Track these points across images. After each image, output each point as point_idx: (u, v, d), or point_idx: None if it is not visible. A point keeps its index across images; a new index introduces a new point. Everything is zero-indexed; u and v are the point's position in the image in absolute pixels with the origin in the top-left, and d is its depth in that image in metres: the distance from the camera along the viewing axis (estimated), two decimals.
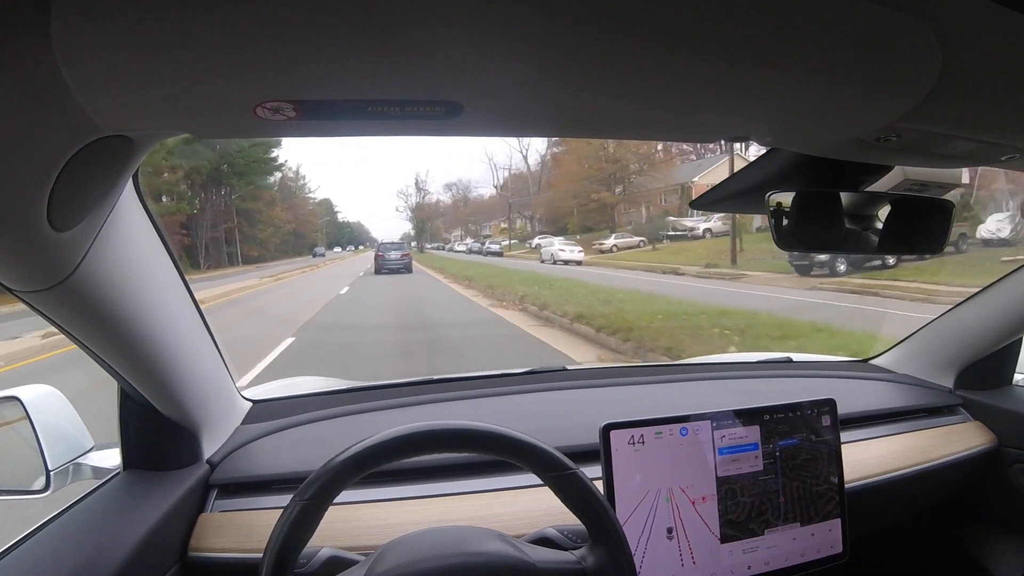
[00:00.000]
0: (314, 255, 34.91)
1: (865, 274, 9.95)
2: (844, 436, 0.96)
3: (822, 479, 0.91)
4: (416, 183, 43.73)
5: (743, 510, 0.86)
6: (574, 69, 0.42)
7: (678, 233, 20.51)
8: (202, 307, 0.85)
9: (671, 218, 21.91)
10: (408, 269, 17.45)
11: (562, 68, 0.42)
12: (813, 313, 6.62)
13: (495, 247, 29.59)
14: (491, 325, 7.41)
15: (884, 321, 6.33)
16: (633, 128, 0.66)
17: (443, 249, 40.74)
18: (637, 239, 22.00)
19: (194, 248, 23.68)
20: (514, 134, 0.59)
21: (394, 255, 17.84)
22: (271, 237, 31.61)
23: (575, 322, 6.53)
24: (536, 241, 29.83)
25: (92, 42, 0.35)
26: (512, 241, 32.60)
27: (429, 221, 44.19)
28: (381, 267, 17.23)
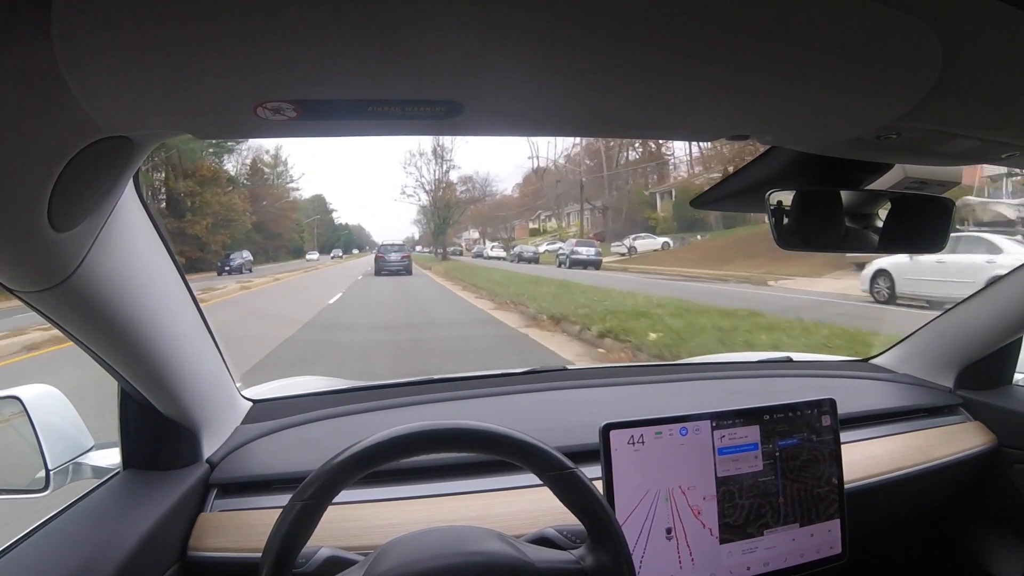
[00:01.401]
0: (226, 270, 18.81)
1: None
2: (844, 436, 0.96)
3: (822, 479, 0.91)
4: (435, 149, 28.07)
5: (742, 510, 0.86)
6: (574, 69, 0.42)
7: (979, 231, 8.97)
8: None
9: (971, 199, 10.82)
10: (408, 271, 17.66)
11: (562, 68, 0.42)
12: None
13: (587, 252, 18.89)
14: None
15: None
16: (633, 127, 0.66)
17: (459, 255, 31.76)
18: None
19: None
20: (514, 133, 0.59)
21: (394, 257, 18.38)
22: (213, 235, 21.62)
23: None
24: (630, 242, 21.37)
25: (93, 43, 0.35)
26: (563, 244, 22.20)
27: (456, 210, 28.74)
28: (381, 268, 17.71)
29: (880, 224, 0.79)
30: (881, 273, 7.91)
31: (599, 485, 0.77)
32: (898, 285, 7.68)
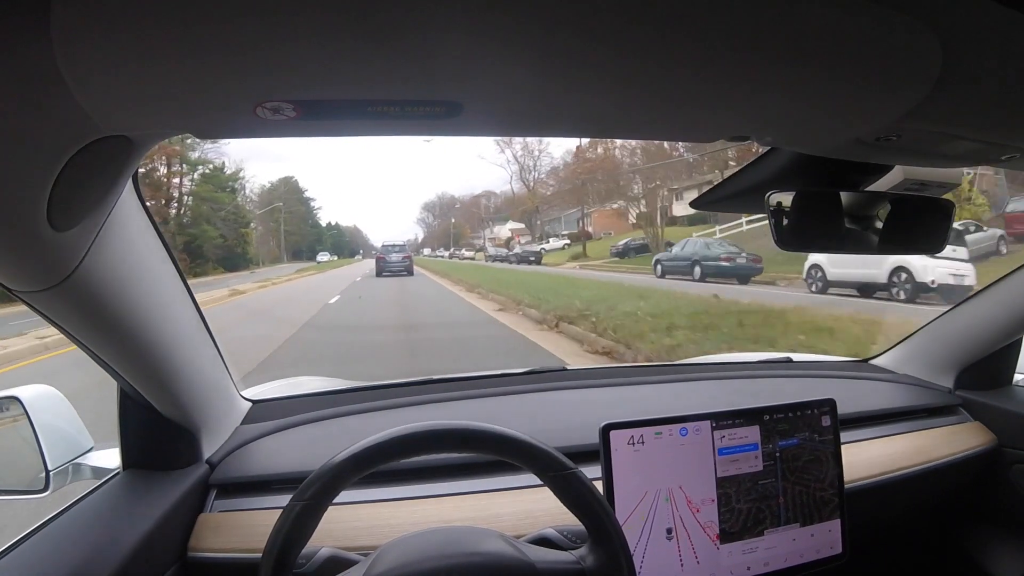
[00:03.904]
0: None
1: None
2: (844, 436, 0.96)
3: (822, 479, 0.91)
4: None
5: (743, 510, 0.86)
6: (574, 69, 0.42)
7: None
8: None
9: None
10: (409, 272, 17.11)
11: (562, 68, 0.42)
12: None
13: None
14: None
15: None
16: (633, 128, 0.66)
17: (506, 259, 21.68)
18: None
19: None
20: (514, 134, 0.59)
21: (395, 257, 17.92)
22: None
23: None
24: None
25: (92, 42, 0.35)
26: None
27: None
28: (383, 269, 17.26)
29: (880, 225, 0.79)
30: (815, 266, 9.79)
31: (599, 485, 0.77)
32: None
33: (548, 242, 24.20)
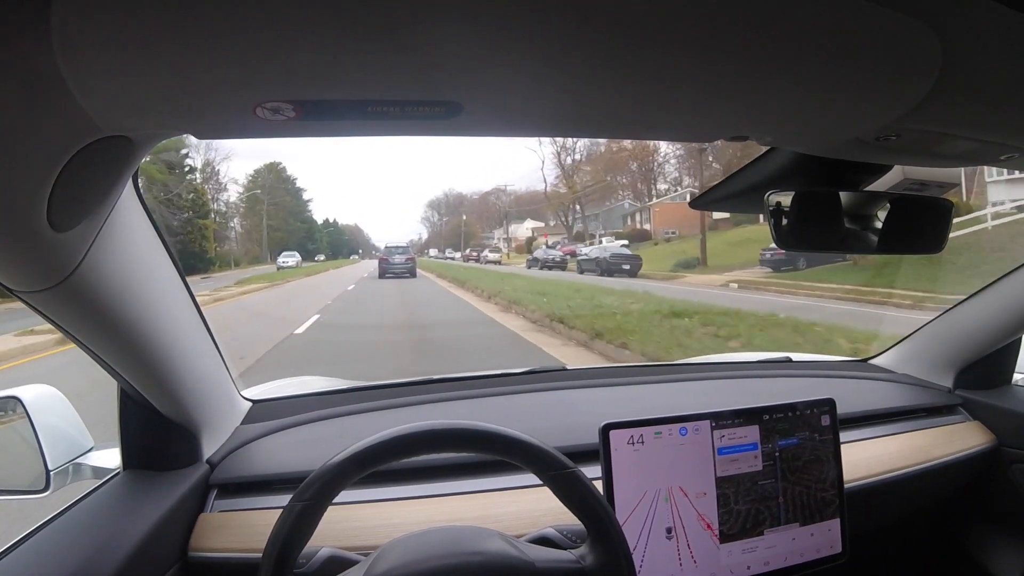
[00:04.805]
0: None
1: None
2: (843, 436, 0.96)
3: (822, 479, 0.91)
4: None
5: (742, 510, 0.86)
6: (574, 69, 0.42)
7: None
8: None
9: None
10: (412, 274, 16.84)
11: (562, 68, 0.42)
12: None
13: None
14: None
15: None
16: (633, 128, 0.66)
17: (561, 264, 17.55)
18: None
19: None
20: (514, 134, 0.59)
21: (398, 259, 17.67)
22: None
23: None
24: None
25: (92, 42, 0.35)
26: None
27: None
28: (385, 271, 16.99)
29: (879, 225, 0.79)
30: None
31: (599, 485, 0.77)
32: None
33: (601, 243, 19.82)
